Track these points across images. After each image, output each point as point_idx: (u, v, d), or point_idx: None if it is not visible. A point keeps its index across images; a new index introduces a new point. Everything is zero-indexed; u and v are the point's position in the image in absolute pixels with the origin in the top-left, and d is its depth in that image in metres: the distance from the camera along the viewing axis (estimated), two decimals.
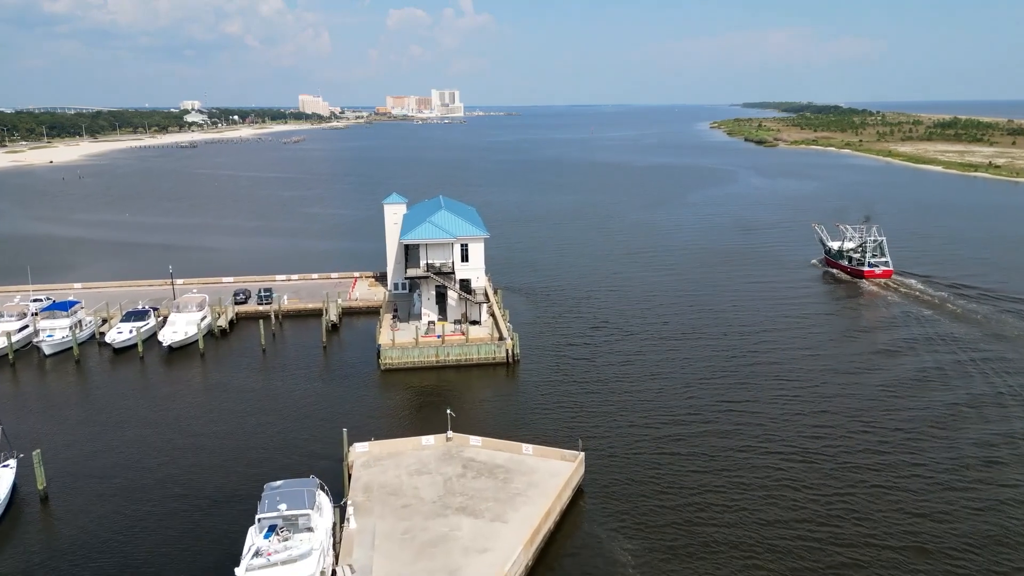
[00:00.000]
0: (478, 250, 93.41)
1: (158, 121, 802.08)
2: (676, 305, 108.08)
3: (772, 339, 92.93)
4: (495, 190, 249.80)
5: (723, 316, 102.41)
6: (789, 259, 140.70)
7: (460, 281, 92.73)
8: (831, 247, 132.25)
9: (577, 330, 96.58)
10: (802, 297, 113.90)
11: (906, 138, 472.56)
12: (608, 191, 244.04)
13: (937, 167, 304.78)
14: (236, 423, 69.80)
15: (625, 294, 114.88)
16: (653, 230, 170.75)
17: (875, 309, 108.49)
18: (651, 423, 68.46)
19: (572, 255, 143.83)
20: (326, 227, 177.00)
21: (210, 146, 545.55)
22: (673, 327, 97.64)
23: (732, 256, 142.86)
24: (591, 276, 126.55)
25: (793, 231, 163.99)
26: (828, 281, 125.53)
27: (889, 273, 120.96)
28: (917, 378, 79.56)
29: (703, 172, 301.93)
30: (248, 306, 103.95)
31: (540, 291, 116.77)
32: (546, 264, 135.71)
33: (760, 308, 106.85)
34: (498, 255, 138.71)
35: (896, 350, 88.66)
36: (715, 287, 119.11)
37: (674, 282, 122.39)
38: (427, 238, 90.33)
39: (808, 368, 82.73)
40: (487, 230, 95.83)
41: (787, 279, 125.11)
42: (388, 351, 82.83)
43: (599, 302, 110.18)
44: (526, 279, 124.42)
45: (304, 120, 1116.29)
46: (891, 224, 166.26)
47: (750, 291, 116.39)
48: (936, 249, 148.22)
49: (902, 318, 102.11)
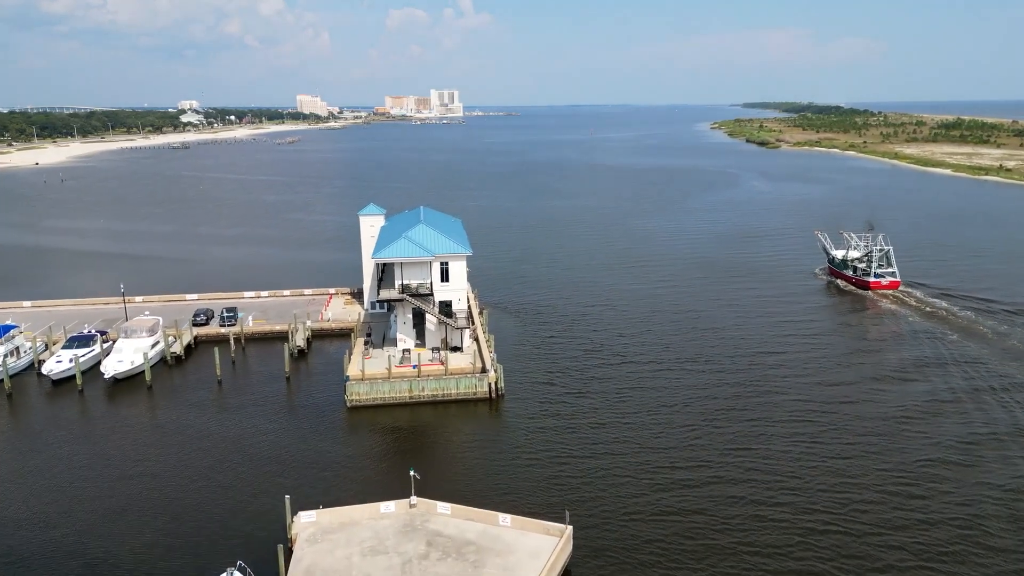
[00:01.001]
0: (460, 269, 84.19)
1: (152, 121, 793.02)
2: (676, 325, 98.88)
3: (778, 364, 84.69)
4: (488, 194, 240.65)
5: (726, 338, 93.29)
6: (793, 269, 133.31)
7: (440, 303, 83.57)
8: (835, 256, 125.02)
9: (569, 356, 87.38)
10: (807, 313, 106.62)
11: (911, 139, 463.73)
12: (607, 196, 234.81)
13: (945, 170, 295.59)
14: (169, 479, 60.39)
15: (622, 312, 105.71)
16: (653, 238, 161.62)
17: (882, 324, 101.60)
18: (651, 477, 59.29)
19: (567, 266, 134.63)
20: (307, 235, 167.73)
21: (203, 147, 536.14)
22: (674, 352, 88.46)
23: (734, 267, 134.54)
24: (586, 291, 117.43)
25: (798, 238, 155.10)
26: (832, 293, 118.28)
27: (896, 284, 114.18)
28: (929, 409, 72.46)
29: (704, 175, 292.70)
30: (209, 328, 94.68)
31: (531, 309, 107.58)
32: (539, 277, 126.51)
33: (763, 327, 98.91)
34: (487, 267, 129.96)
35: (906, 374, 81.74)
36: (717, 303, 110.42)
37: (674, 298, 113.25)
38: (402, 256, 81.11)
39: (818, 400, 74.42)
40: (470, 246, 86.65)
41: (791, 291, 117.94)
42: (355, 385, 73.58)
43: (594, 321, 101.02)
44: (516, 295, 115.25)
45: (302, 120, 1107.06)
46: (898, 231, 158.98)
47: (753, 306, 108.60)
48: (946, 258, 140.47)
49: (911, 335, 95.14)
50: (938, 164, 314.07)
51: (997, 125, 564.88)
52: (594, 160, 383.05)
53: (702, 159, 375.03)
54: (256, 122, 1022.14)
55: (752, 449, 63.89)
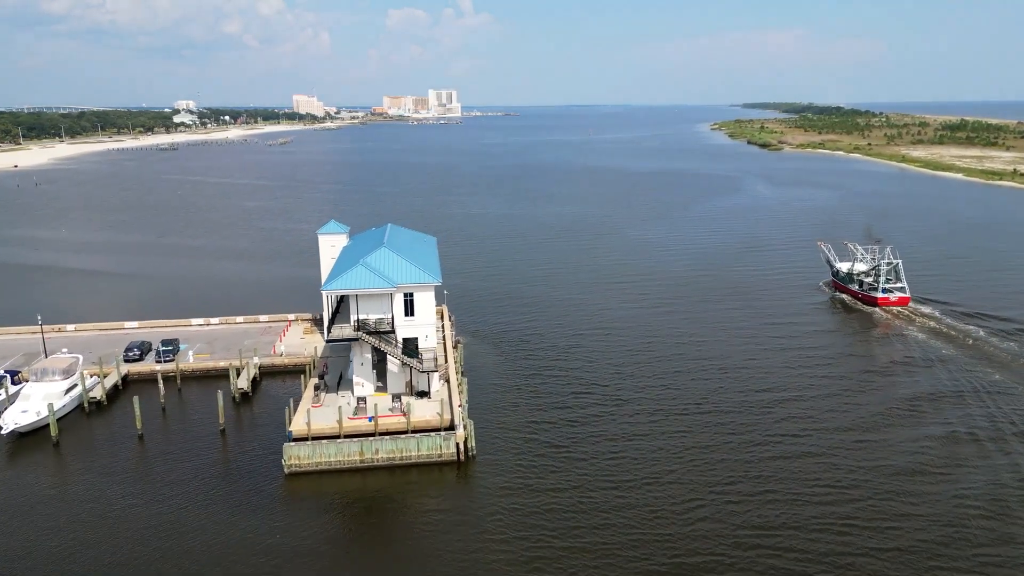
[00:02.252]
0: (427, 301, 72.20)
1: (143, 122, 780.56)
2: (675, 359, 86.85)
3: (784, 401, 74.99)
4: (478, 200, 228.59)
5: (729, 376, 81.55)
6: (798, 283, 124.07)
7: (404, 341, 71.62)
8: (839, 269, 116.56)
9: (555, 399, 75.43)
10: (812, 334, 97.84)
11: (916, 141, 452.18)
12: (603, 201, 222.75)
13: (957, 174, 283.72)
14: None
15: (616, 341, 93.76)
16: (650, 250, 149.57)
17: (891, 347, 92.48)
18: (649, 565, 47.40)
19: (556, 284, 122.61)
20: (276, 248, 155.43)
21: (191, 148, 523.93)
22: (673, 394, 76.58)
23: (736, 282, 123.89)
24: (577, 314, 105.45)
25: (804, 249, 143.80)
26: (837, 309, 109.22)
27: (906, 300, 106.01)
28: (946, 454, 63.86)
29: (706, 179, 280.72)
30: (143, 364, 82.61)
31: (514, 337, 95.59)
32: (525, 297, 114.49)
33: (767, 356, 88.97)
34: (469, 287, 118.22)
35: (918, 408, 73.62)
36: (718, 328, 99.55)
37: (673, 322, 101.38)
38: (357, 287, 69.12)
39: (828, 447, 64.97)
40: (440, 274, 74.75)
41: (795, 308, 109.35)
42: (295, 448, 61.47)
43: (584, 353, 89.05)
44: (499, 319, 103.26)
45: (297, 121, 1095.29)
46: (909, 241, 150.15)
47: (758, 332, 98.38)
48: (959, 271, 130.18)
49: (922, 360, 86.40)
50: (948, 168, 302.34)
51: (1002, 126, 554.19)
52: (592, 163, 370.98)
53: (703, 162, 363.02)
54: (251, 122, 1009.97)
55: (771, 532, 51.99)
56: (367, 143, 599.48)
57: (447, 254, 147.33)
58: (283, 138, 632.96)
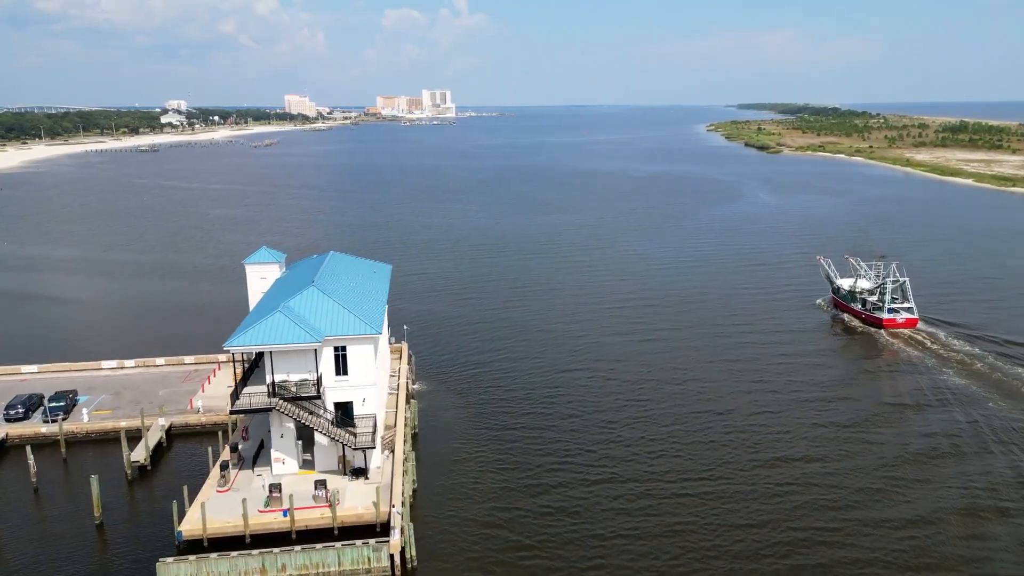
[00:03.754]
0: (364, 356, 57.82)
1: (128, 122, 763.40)
2: (667, 411, 72.79)
3: (785, 461, 61.67)
4: (462, 208, 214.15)
5: (732, 423, 67.48)
6: (796, 301, 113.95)
7: (335, 406, 57.30)
8: (840, 285, 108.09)
9: (527, 476, 61.11)
10: (811, 362, 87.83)
11: (918, 144, 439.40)
12: (595, 209, 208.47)
13: (966, 180, 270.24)
14: None
15: (604, 385, 79.72)
16: (643, 267, 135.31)
17: (899, 376, 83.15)
18: None
19: (539, 309, 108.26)
20: (230, 265, 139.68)
21: (173, 150, 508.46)
22: (669, 459, 62.44)
23: (735, 306, 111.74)
24: (561, 349, 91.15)
25: (808, 265, 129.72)
26: (839, 332, 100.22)
27: (914, 322, 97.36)
28: (964, 506, 56.03)
29: (704, 185, 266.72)
30: (27, 425, 68.03)
31: (485, 380, 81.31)
32: (502, 327, 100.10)
33: (764, 395, 77.52)
34: (437, 314, 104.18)
35: (935, 453, 64.63)
36: (714, 361, 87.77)
37: (665, 359, 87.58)
38: (272, 342, 54.67)
39: (832, 504, 55.22)
40: (383, 321, 60.51)
41: (794, 330, 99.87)
42: (172, 568, 46.82)
43: (565, 403, 74.89)
44: (469, 356, 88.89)
45: (288, 121, 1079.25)
46: (916, 254, 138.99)
47: (756, 362, 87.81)
48: (973, 288, 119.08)
49: (934, 393, 77.28)
50: (956, 173, 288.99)
51: (1004, 128, 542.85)
52: (585, 166, 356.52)
53: (699, 166, 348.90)
54: (241, 123, 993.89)
55: None
56: (355, 144, 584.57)
57: (418, 272, 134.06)
58: (269, 140, 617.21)
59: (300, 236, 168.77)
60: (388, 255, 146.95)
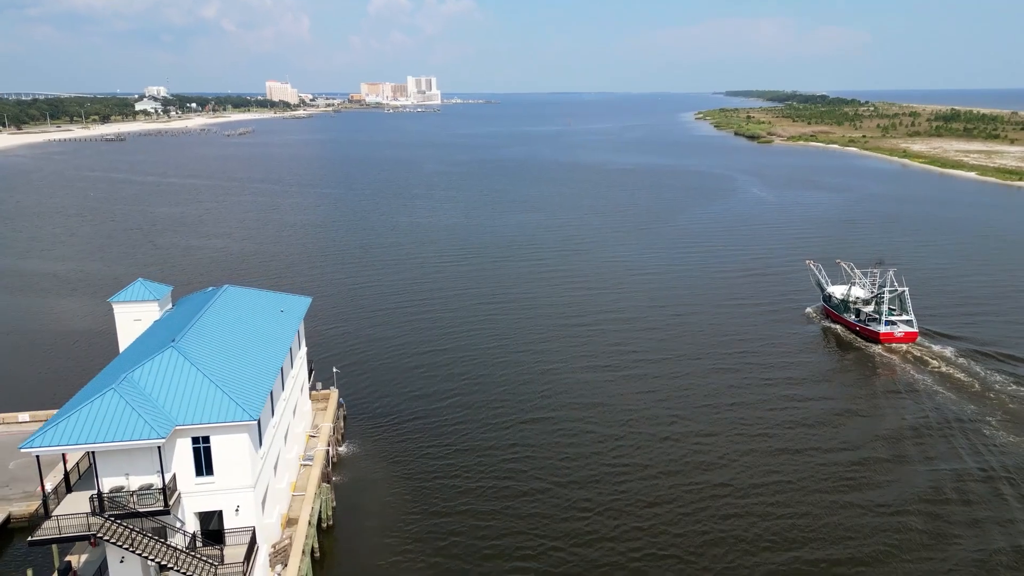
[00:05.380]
0: (238, 449, 42.23)
1: (98, 109, 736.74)
2: (645, 478, 57.86)
3: (769, 506, 45.53)
4: (431, 204, 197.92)
5: (725, 505, 52.51)
6: (787, 311, 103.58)
7: (198, 518, 41.77)
8: (831, 293, 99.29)
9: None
10: (800, 380, 79.41)
11: (912, 133, 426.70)
12: (575, 207, 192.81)
13: (969, 173, 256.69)
14: None
15: (576, 442, 64.53)
16: (624, 277, 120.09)
17: (898, 400, 73.96)
18: None
19: (503, 333, 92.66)
20: (155, 278, 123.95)
21: (141, 139, 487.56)
22: (650, 549, 47.57)
23: (725, 322, 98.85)
24: (526, 390, 75.92)
25: (803, 270, 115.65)
26: (830, 345, 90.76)
27: (913, 336, 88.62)
28: None
29: (693, 179, 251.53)
30: None
31: (431, 438, 66.05)
32: (460, 358, 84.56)
33: (751, 435, 64.80)
34: (385, 341, 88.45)
35: (941, 498, 56.44)
36: (701, 395, 73.91)
37: (644, 400, 72.83)
38: (93, 440, 38.88)
39: None
40: (263, 400, 44.66)
41: (782, 344, 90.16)
42: None
43: (530, 469, 59.77)
44: (415, 404, 73.46)
45: (269, 108, 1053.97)
46: (918, 257, 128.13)
47: (741, 382, 78.07)
48: (980, 296, 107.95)
49: (938, 421, 68.62)
50: (956, 165, 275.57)
51: (996, 116, 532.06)
52: (568, 158, 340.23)
53: (688, 158, 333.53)
54: (219, 110, 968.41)
55: None
56: (333, 134, 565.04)
57: (371, 285, 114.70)
58: (243, 129, 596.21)
59: (247, 239, 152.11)
60: (341, 263, 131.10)
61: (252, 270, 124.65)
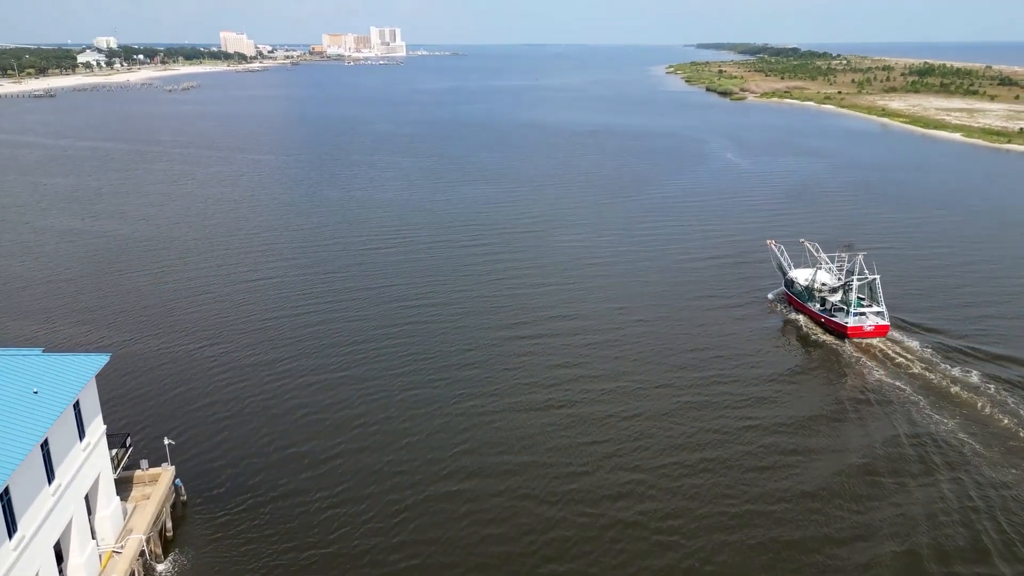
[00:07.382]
0: None
1: (34, 63, 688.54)
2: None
3: None
4: (373, 174, 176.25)
5: None
6: (747, 296, 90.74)
7: None
8: (793, 278, 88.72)
9: None
10: (755, 396, 66.87)
11: (888, 89, 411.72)
12: (530, 179, 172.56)
13: (954, 134, 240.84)
14: None
15: (505, 540, 46.41)
16: (578, 264, 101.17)
17: (868, 410, 63.63)
18: None
19: (419, 352, 73.57)
20: (23, 272, 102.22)
21: (73, 95, 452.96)
22: None
23: (679, 306, 78.51)
24: (436, 455, 57.32)
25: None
26: (791, 341, 79.83)
27: (884, 330, 79.05)
28: None
29: (663, 141, 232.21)
30: None
31: (300, 528, 47.37)
32: (360, 402, 65.49)
33: (697, 440, 44.74)
34: (268, 375, 67.19)
35: (910, 535, 47.01)
36: (666, 410, 53.02)
37: (601, 443, 54.29)
38: None
39: None
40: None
41: (738, 340, 79.07)
42: None
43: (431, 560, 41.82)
44: (283, 483, 54.52)
45: (223, 60, 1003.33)
46: (895, 236, 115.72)
47: (701, 393, 58.95)
48: (965, 281, 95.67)
49: (912, 437, 58.70)
50: (939, 125, 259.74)
51: (971, 71, 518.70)
52: (531, 117, 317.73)
53: (658, 117, 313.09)
54: (169, 62, 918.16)
55: None
56: (285, 89, 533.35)
57: (263, 288, 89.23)
58: (188, 83, 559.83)
59: (142, 220, 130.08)
60: (240, 255, 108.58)
61: (124, 266, 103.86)
